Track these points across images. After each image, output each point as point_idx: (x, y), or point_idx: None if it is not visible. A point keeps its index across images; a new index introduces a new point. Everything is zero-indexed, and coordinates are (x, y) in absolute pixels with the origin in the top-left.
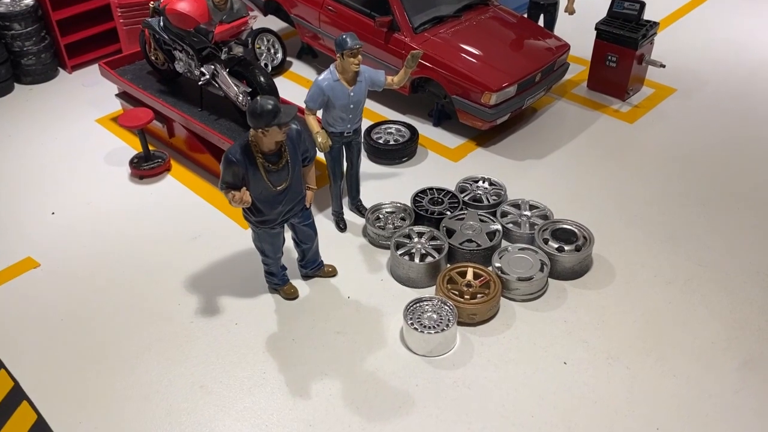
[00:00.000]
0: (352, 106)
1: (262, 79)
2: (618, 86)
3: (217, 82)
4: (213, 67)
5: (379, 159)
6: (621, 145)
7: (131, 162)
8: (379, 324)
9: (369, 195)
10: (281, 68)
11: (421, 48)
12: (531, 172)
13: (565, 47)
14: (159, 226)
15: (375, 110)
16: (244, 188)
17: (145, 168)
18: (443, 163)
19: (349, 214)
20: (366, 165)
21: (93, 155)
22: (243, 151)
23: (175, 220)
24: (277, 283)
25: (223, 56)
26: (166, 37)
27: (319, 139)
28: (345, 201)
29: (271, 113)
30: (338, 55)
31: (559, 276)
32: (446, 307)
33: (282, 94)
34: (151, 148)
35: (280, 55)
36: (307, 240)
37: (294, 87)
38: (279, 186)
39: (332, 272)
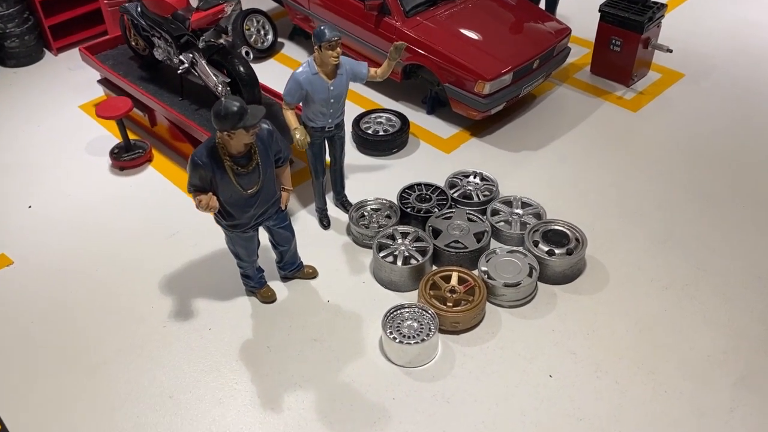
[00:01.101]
0: (332, 100)
1: (241, 69)
2: (622, 71)
3: (196, 71)
4: (191, 55)
5: (367, 150)
6: (622, 135)
7: (111, 153)
8: (359, 330)
9: (356, 189)
10: (272, 50)
11: (413, 33)
12: (526, 164)
13: (566, 31)
14: (137, 221)
15: (367, 96)
16: (211, 193)
17: (125, 159)
18: (435, 154)
19: (334, 210)
20: (354, 157)
21: (75, 144)
22: (209, 154)
23: (154, 214)
24: (254, 286)
25: (201, 44)
26: (143, 23)
27: (297, 136)
28: (330, 196)
29: (236, 115)
30: (316, 47)
31: (549, 280)
32: (427, 315)
33: (271, 79)
34: (134, 137)
35: (270, 37)
36: (284, 242)
37: (285, 71)
38: (249, 189)
39: (312, 273)
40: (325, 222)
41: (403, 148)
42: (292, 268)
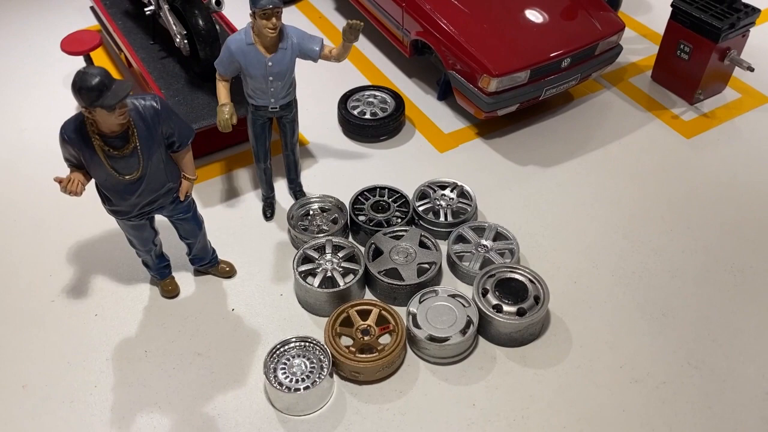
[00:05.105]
0: (271, 78)
1: (199, 22)
2: (687, 85)
3: (161, 16)
4: None
5: (351, 134)
6: (660, 167)
7: None
8: (250, 354)
9: (318, 179)
10: None
11: (425, 2)
12: (526, 183)
13: (617, 27)
14: None
15: (376, 65)
16: (75, 176)
17: None
18: (427, 151)
19: (286, 198)
20: (334, 139)
21: (53, 75)
22: (77, 129)
23: None
24: (154, 275)
25: None
26: None
27: (221, 115)
28: (283, 182)
29: (93, 91)
30: (251, 12)
31: (492, 339)
32: (322, 354)
33: None
34: (116, 76)
35: None
36: (188, 236)
37: (306, 25)
38: (128, 175)
39: (228, 273)
40: (268, 212)
41: (394, 135)
42: (203, 263)
